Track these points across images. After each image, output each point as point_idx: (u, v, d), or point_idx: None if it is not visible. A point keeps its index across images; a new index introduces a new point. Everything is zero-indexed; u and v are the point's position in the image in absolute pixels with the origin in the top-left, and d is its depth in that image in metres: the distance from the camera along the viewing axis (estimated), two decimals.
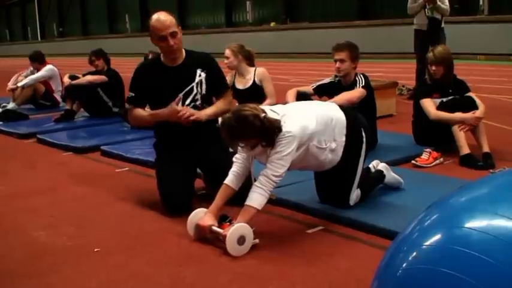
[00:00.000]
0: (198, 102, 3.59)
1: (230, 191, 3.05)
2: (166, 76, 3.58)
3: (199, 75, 3.61)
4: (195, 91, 3.60)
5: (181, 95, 3.54)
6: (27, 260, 2.92)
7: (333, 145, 3.16)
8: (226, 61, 5.18)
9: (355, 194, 3.31)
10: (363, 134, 3.31)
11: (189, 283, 2.60)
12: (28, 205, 3.86)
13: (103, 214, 3.63)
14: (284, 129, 2.92)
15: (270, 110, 3.02)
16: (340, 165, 3.24)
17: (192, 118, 3.45)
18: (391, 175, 3.61)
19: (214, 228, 2.97)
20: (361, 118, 3.44)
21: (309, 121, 3.06)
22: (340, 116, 3.23)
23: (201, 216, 3.04)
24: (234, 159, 3.11)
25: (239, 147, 3.04)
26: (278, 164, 2.92)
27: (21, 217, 3.64)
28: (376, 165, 3.69)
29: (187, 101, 3.57)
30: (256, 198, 2.91)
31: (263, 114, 2.89)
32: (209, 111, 3.60)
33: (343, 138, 3.20)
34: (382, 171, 3.59)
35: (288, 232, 3.15)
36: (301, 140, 2.99)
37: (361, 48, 4.70)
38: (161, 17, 3.51)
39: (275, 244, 2.96)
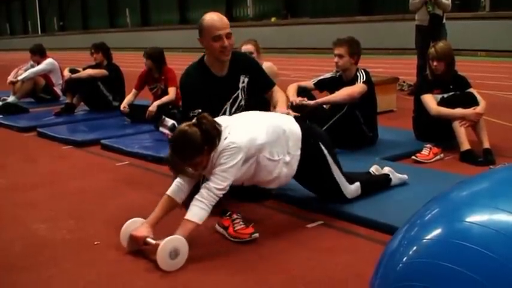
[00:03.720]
0: (242, 107, 3.54)
1: (173, 203, 2.88)
2: (215, 86, 3.42)
3: (242, 82, 3.52)
4: (240, 97, 3.51)
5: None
6: (27, 253, 2.92)
7: (287, 158, 3.02)
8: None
9: (349, 189, 3.27)
10: (322, 146, 3.15)
11: (189, 277, 2.60)
12: (28, 198, 3.87)
13: (103, 208, 3.63)
14: (228, 140, 2.78)
15: None
16: (316, 179, 3.20)
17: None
18: (396, 177, 3.57)
19: (149, 240, 2.78)
20: (317, 130, 3.32)
21: (257, 132, 2.91)
22: (295, 129, 3.08)
23: (137, 226, 2.86)
24: None
25: (191, 173, 2.84)
26: (221, 176, 2.76)
27: (20, 210, 3.64)
28: (376, 170, 3.64)
29: (234, 107, 3.49)
30: (197, 213, 2.73)
31: (193, 121, 2.80)
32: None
33: (298, 152, 3.05)
34: (388, 175, 3.55)
35: (288, 227, 3.15)
36: (249, 152, 2.84)
37: (362, 43, 4.68)
38: (217, 16, 3.36)
39: (275, 238, 2.96)
